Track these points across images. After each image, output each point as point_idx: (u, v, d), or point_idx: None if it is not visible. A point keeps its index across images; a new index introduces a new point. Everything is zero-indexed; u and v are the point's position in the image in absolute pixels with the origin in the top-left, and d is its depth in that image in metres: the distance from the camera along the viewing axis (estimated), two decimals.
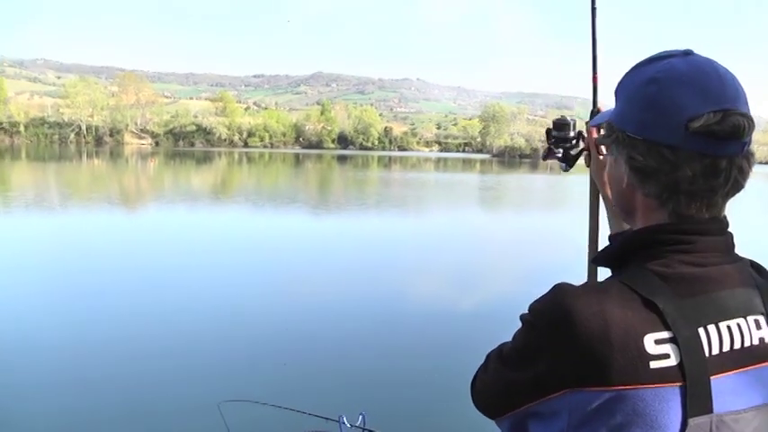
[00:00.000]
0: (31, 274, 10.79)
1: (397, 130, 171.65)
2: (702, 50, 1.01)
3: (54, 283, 10.23)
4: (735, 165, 0.98)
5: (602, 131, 1.15)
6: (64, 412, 5.46)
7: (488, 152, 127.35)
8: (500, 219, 24.46)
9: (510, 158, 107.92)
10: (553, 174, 65.16)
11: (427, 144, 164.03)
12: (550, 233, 19.49)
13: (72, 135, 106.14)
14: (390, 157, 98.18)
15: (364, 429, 2.97)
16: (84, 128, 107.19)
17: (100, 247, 13.76)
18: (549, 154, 1.70)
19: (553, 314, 0.96)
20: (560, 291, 0.99)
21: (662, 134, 0.97)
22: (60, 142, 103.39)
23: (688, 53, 1.03)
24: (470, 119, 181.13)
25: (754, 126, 0.97)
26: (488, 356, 1.11)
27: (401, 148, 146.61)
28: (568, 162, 1.66)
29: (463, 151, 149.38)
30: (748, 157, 0.99)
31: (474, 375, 1.15)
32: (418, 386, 6.36)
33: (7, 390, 5.94)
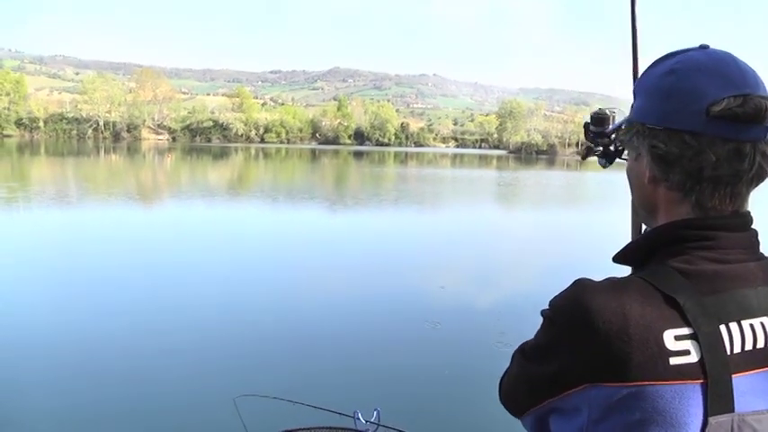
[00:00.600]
0: (46, 269, 10.87)
1: (414, 125, 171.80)
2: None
3: (69, 278, 10.29)
4: (758, 150, 0.97)
5: (622, 130, 1.14)
6: (78, 407, 5.48)
7: (505, 148, 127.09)
8: (517, 215, 24.37)
9: (527, 155, 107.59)
10: (570, 170, 64.87)
11: (444, 140, 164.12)
12: (568, 229, 19.39)
13: (90, 131, 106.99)
14: (407, 153, 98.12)
15: (379, 425, 2.95)
16: (101, 123, 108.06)
17: (116, 241, 13.83)
18: (588, 152, 1.61)
19: (573, 310, 0.96)
20: (580, 286, 0.99)
21: (683, 121, 0.98)
22: (78, 138, 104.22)
23: (705, 47, 1.03)
24: (487, 115, 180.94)
25: None
26: (514, 354, 1.13)
27: (417, 144, 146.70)
28: (608, 159, 1.54)
29: (480, 147, 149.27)
30: None
31: (503, 374, 1.17)
32: (434, 383, 6.33)
33: (23, 384, 5.98)
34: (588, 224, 20.91)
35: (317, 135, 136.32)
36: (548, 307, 1.03)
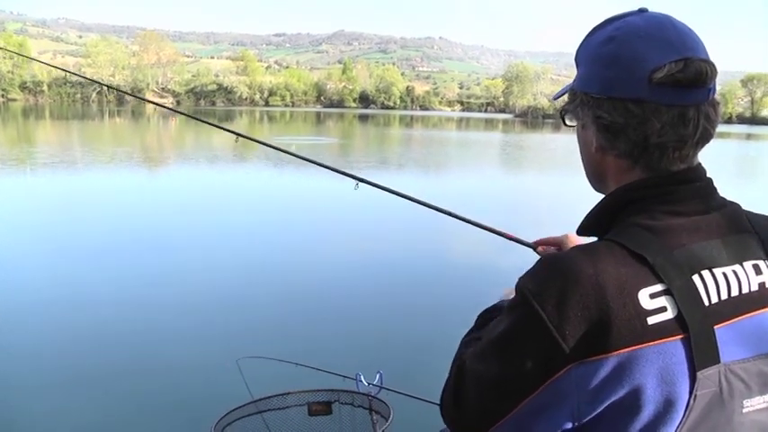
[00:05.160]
0: (50, 232, 10.85)
1: (419, 89, 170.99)
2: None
3: (72, 242, 10.26)
4: (702, 112, 0.95)
5: (566, 99, 1.10)
6: (82, 368, 5.48)
7: (511, 112, 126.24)
8: (524, 178, 24.18)
9: (533, 118, 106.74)
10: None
11: (449, 104, 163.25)
12: (576, 193, 19.28)
13: (94, 94, 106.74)
14: (412, 117, 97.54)
15: (381, 387, 2.93)
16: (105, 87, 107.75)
17: (120, 205, 13.79)
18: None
19: (547, 286, 0.91)
20: (550, 260, 0.96)
21: (626, 89, 0.95)
22: (82, 101, 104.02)
23: (643, 11, 1.01)
24: (493, 78, 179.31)
25: (716, 72, 0.95)
26: (462, 363, 1.04)
27: (423, 108, 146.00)
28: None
29: (485, 111, 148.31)
30: (714, 106, 0.97)
31: (441, 396, 1.07)
32: (437, 348, 6.29)
33: (23, 346, 5.99)
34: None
35: (322, 98, 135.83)
36: (515, 291, 0.96)
